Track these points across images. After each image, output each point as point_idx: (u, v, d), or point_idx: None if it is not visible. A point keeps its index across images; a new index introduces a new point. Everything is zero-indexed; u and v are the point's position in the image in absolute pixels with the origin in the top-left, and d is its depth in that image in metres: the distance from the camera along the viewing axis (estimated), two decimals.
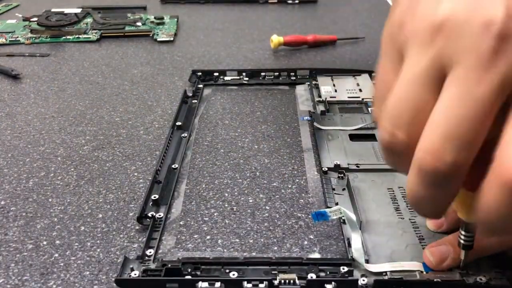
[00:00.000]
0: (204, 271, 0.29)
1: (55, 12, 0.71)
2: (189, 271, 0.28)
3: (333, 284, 0.28)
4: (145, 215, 0.33)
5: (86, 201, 0.36)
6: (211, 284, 0.27)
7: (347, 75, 0.52)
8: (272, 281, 0.28)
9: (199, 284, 0.27)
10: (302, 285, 0.28)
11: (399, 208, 0.34)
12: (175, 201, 0.35)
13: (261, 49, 0.62)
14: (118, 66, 0.58)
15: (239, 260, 0.29)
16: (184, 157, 0.40)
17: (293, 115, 0.46)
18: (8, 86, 0.53)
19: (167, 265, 0.28)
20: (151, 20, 0.71)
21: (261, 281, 0.28)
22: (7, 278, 0.29)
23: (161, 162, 0.38)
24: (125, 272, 0.29)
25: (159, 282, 0.28)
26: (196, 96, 0.49)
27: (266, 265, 0.29)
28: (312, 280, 0.28)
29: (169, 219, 0.34)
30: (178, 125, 0.44)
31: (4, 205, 0.35)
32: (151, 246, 0.31)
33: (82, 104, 0.49)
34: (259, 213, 0.34)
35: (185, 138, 0.42)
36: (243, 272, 0.29)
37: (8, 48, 0.63)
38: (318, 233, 0.32)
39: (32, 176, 0.38)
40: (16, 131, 0.45)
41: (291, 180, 0.37)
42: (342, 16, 0.76)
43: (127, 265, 0.29)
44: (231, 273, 0.28)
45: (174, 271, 0.28)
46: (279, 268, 0.29)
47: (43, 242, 0.32)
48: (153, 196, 0.35)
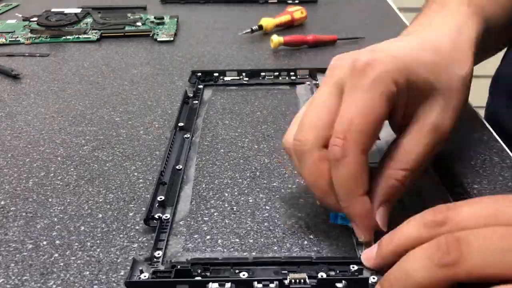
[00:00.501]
0: (214, 271, 0.28)
1: (55, 12, 0.71)
2: (198, 272, 0.28)
3: (343, 282, 0.28)
4: (152, 216, 0.33)
5: (86, 201, 0.36)
6: (221, 285, 0.27)
7: None
8: (283, 281, 0.27)
9: (209, 285, 0.27)
10: (313, 284, 0.27)
11: (402, 200, 0.33)
12: (181, 203, 0.35)
13: (261, 49, 0.62)
14: (118, 66, 0.58)
15: (249, 260, 0.29)
16: (188, 159, 0.40)
17: (293, 115, 0.46)
18: (8, 86, 0.53)
19: (176, 267, 0.28)
20: (151, 20, 0.71)
21: (271, 281, 0.28)
22: (7, 278, 0.29)
23: (165, 164, 0.38)
24: (135, 274, 0.28)
25: (170, 283, 0.28)
26: (196, 97, 0.49)
27: (275, 265, 0.29)
28: (322, 279, 0.28)
29: (175, 220, 0.34)
30: (181, 126, 0.43)
31: (4, 205, 0.35)
32: (159, 248, 0.31)
33: (82, 104, 0.49)
34: (259, 213, 0.34)
35: (188, 139, 0.42)
36: (253, 272, 0.28)
37: (8, 48, 0.63)
38: (318, 233, 0.32)
39: (32, 176, 0.38)
40: (16, 131, 0.45)
41: (291, 180, 0.37)
42: (342, 16, 0.76)
43: (136, 267, 0.29)
44: (241, 273, 0.28)
45: (184, 272, 0.28)
46: (288, 268, 0.29)
47: (43, 242, 0.32)
48: (159, 198, 0.34)
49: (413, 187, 0.32)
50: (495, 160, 0.39)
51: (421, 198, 0.35)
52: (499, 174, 0.38)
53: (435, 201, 0.28)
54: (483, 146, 0.41)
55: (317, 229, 0.32)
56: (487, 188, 0.36)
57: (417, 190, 0.35)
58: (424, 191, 0.35)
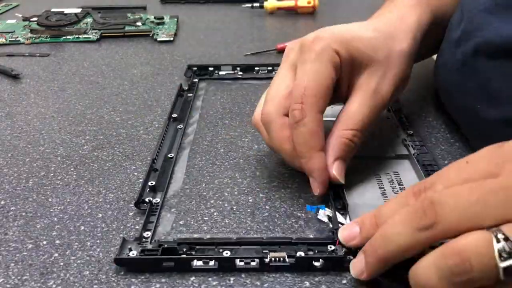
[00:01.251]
0: (199, 251, 0.30)
1: (55, 12, 0.71)
2: (184, 251, 0.29)
3: (321, 261, 0.29)
4: (142, 200, 0.34)
5: (86, 201, 0.36)
6: (205, 263, 0.29)
7: None
8: (263, 259, 0.29)
9: (194, 262, 0.29)
10: (292, 263, 0.29)
11: (385, 192, 0.35)
12: (171, 187, 0.36)
13: (261, 49, 0.62)
14: (118, 66, 0.58)
15: (232, 240, 0.31)
16: (180, 149, 0.41)
17: None
18: (8, 86, 0.53)
19: (163, 245, 0.30)
20: (151, 20, 0.71)
21: (252, 259, 0.29)
22: (7, 278, 0.29)
23: (157, 151, 0.39)
24: (124, 252, 0.30)
25: (156, 261, 0.29)
26: (191, 90, 0.50)
27: (257, 244, 0.30)
28: (301, 257, 0.29)
29: (166, 203, 0.35)
30: (174, 117, 0.45)
31: (4, 205, 0.35)
32: (148, 229, 0.32)
33: (82, 104, 0.49)
34: (259, 212, 0.34)
35: (181, 129, 0.43)
36: (236, 251, 0.30)
37: (8, 48, 0.63)
38: (318, 232, 0.32)
39: (32, 176, 0.38)
40: (16, 131, 0.45)
41: (291, 179, 0.37)
42: (341, 16, 0.76)
43: (125, 246, 0.30)
44: (225, 252, 0.30)
45: (170, 250, 0.29)
46: (269, 247, 0.30)
47: (43, 242, 0.32)
48: (150, 183, 0.36)
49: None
50: None
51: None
52: None
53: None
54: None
55: (317, 228, 0.32)
56: None
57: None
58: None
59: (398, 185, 0.36)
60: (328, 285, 0.28)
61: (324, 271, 0.29)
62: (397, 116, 0.44)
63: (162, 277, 0.29)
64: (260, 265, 0.29)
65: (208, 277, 0.29)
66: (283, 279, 0.29)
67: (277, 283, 0.29)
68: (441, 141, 0.42)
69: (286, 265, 0.29)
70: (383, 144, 0.41)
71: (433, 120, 0.45)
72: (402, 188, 0.36)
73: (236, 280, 0.29)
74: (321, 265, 0.29)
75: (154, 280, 0.29)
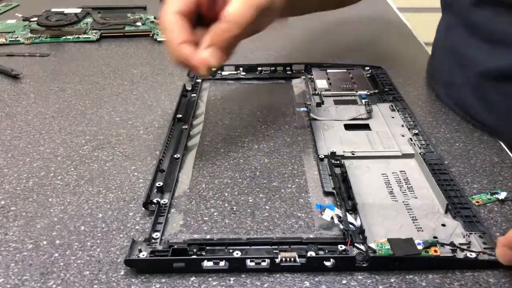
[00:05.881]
0: (209, 251, 0.30)
1: (55, 12, 0.71)
2: (194, 251, 0.29)
3: (331, 261, 0.29)
4: (150, 201, 0.34)
5: (86, 201, 0.36)
6: (216, 263, 0.29)
7: (341, 69, 0.54)
8: (274, 259, 0.29)
9: (204, 263, 0.29)
10: (303, 263, 0.29)
11: (393, 192, 0.35)
12: (178, 189, 0.36)
13: (261, 49, 0.62)
14: (118, 66, 0.58)
15: (242, 240, 0.30)
16: (185, 149, 0.41)
17: (292, 115, 0.46)
18: (8, 86, 0.53)
19: (173, 246, 0.30)
20: (151, 20, 0.71)
21: (263, 259, 0.29)
22: (7, 278, 0.29)
23: (163, 152, 0.39)
24: (133, 253, 0.29)
25: (167, 261, 0.29)
26: (195, 90, 0.50)
27: (267, 245, 0.30)
28: (312, 257, 0.29)
29: (173, 204, 0.35)
30: (179, 117, 0.45)
31: (4, 205, 0.35)
32: (157, 230, 0.32)
33: (82, 104, 0.49)
34: (259, 212, 0.34)
35: (186, 130, 0.43)
36: (246, 251, 0.30)
37: (8, 48, 0.63)
38: (318, 233, 0.32)
39: (32, 176, 0.38)
40: (16, 131, 0.45)
41: (291, 179, 0.37)
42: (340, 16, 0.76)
43: (135, 247, 0.30)
44: (235, 253, 0.29)
45: (181, 251, 0.29)
46: (280, 247, 0.30)
47: (43, 242, 0.32)
48: (157, 184, 0.36)
49: None
50: (495, 160, 0.39)
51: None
52: (499, 174, 0.38)
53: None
54: (483, 146, 0.41)
55: (316, 229, 0.32)
56: (487, 188, 0.36)
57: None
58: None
59: (405, 184, 0.36)
60: (328, 285, 0.28)
61: (335, 271, 0.29)
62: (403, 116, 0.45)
63: (162, 277, 0.29)
64: (271, 265, 0.29)
65: (208, 277, 0.29)
66: (283, 279, 0.29)
67: (277, 283, 0.29)
68: (441, 141, 0.42)
69: (297, 265, 0.29)
70: (389, 144, 0.41)
71: (433, 121, 0.45)
72: (409, 187, 0.36)
73: (236, 280, 0.29)
74: (332, 264, 0.29)
75: (154, 280, 0.29)
